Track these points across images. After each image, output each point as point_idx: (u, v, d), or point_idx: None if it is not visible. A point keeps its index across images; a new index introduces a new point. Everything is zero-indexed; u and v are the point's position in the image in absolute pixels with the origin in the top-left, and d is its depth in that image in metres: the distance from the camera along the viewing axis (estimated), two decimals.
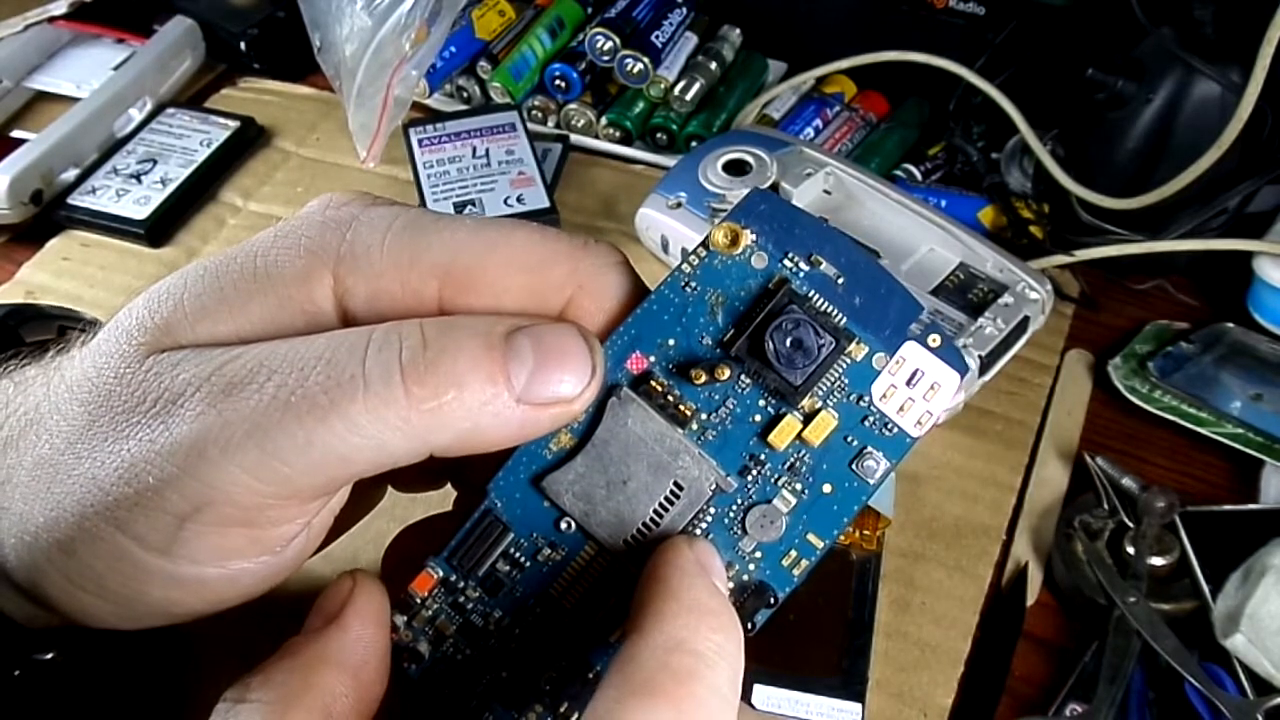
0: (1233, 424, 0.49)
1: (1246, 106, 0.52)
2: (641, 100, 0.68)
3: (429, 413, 0.21)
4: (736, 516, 0.23)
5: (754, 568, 0.23)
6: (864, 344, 0.23)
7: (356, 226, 0.23)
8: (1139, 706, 0.40)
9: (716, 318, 0.23)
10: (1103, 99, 0.57)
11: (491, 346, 0.22)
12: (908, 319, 0.23)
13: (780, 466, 0.23)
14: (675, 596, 0.21)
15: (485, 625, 0.24)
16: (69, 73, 0.70)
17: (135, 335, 0.23)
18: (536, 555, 0.24)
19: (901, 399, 0.23)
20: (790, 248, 0.23)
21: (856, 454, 0.23)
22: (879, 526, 0.45)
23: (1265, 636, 0.40)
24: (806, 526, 0.23)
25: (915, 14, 0.68)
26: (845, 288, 0.23)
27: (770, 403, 0.23)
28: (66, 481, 0.22)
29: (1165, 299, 0.58)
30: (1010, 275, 0.53)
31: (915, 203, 0.56)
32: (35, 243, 0.61)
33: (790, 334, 0.23)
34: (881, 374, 0.23)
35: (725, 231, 0.23)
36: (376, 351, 0.21)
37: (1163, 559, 0.44)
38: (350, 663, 0.22)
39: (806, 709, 0.39)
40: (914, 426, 0.23)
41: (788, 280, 0.23)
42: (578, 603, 0.24)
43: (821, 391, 0.23)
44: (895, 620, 0.43)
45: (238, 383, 0.21)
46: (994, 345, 0.50)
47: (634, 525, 0.23)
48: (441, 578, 0.24)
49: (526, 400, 0.22)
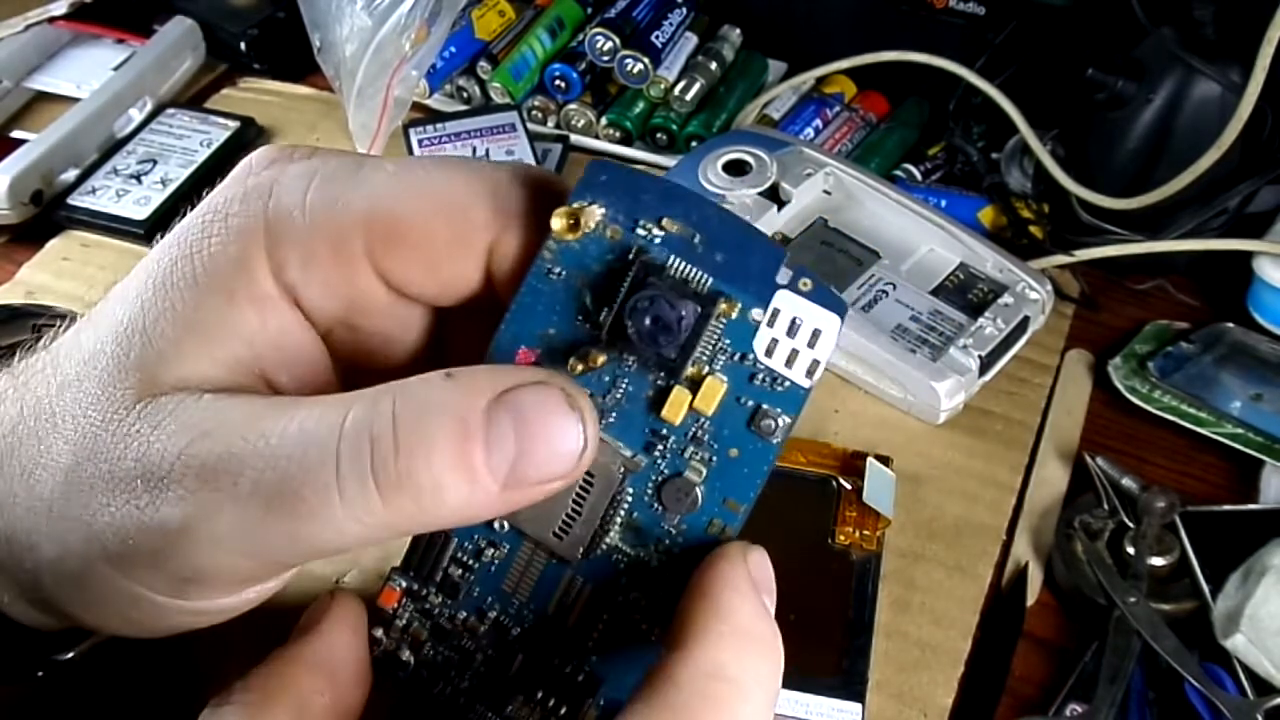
0: (1233, 424, 0.49)
1: (1246, 106, 0.52)
2: (641, 100, 0.68)
3: (411, 516, 0.20)
4: (654, 494, 0.23)
5: (682, 541, 0.23)
6: (735, 301, 0.22)
7: (277, 191, 0.23)
8: (1139, 706, 0.40)
9: (586, 300, 0.23)
10: (1103, 99, 0.57)
11: (469, 437, 0.20)
12: (773, 266, 0.22)
13: (684, 438, 0.23)
14: (723, 617, 0.21)
15: (453, 626, 0.24)
16: (69, 73, 0.70)
17: (118, 378, 0.22)
18: (480, 556, 0.24)
19: (786, 351, 0.22)
20: (640, 214, 0.22)
21: (753, 414, 0.22)
22: (879, 526, 0.45)
23: (1265, 636, 0.40)
24: (722, 493, 0.23)
25: (915, 14, 0.68)
26: (704, 245, 0.22)
27: (659, 376, 0.23)
28: (64, 521, 0.22)
29: (1165, 299, 0.58)
30: (1010, 275, 0.53)
31: (915, 203, 0.56)
32: (35, 243, 0.61)
33: (647, 313, 0.22)
34: (760, 328, 0.22)
35: (563, 217, 0.22)
36: (349, 456, 0.20)
37: (1163, 559, 0.44)
38: (325, 664, 0.23)
39: (806, 709, 0.39)
40: (804, 377, 0.22)
41: (645, 250, 0.22)
42: (531, 594, 0.24)
43: (705, 357, 0.22)
44: (895, 620, 0.43)
45: (211, 469, 0.21)
46: (994, 345, 0.50)
47: (558, 518, 0.23)
48: (405, 588, 0.25)
49: (511, 488, 0.20)
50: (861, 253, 0.55)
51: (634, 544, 0.23)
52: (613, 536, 0.23)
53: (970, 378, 0.50)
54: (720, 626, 0.21)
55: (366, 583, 0.43)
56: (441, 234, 0.23)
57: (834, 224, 0.57)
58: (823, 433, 0.50)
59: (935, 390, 0.49)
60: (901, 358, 0.50)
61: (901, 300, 0.53)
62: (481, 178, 0.23)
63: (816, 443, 0.49)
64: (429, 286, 0.23)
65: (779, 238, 0.56)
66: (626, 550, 0.23)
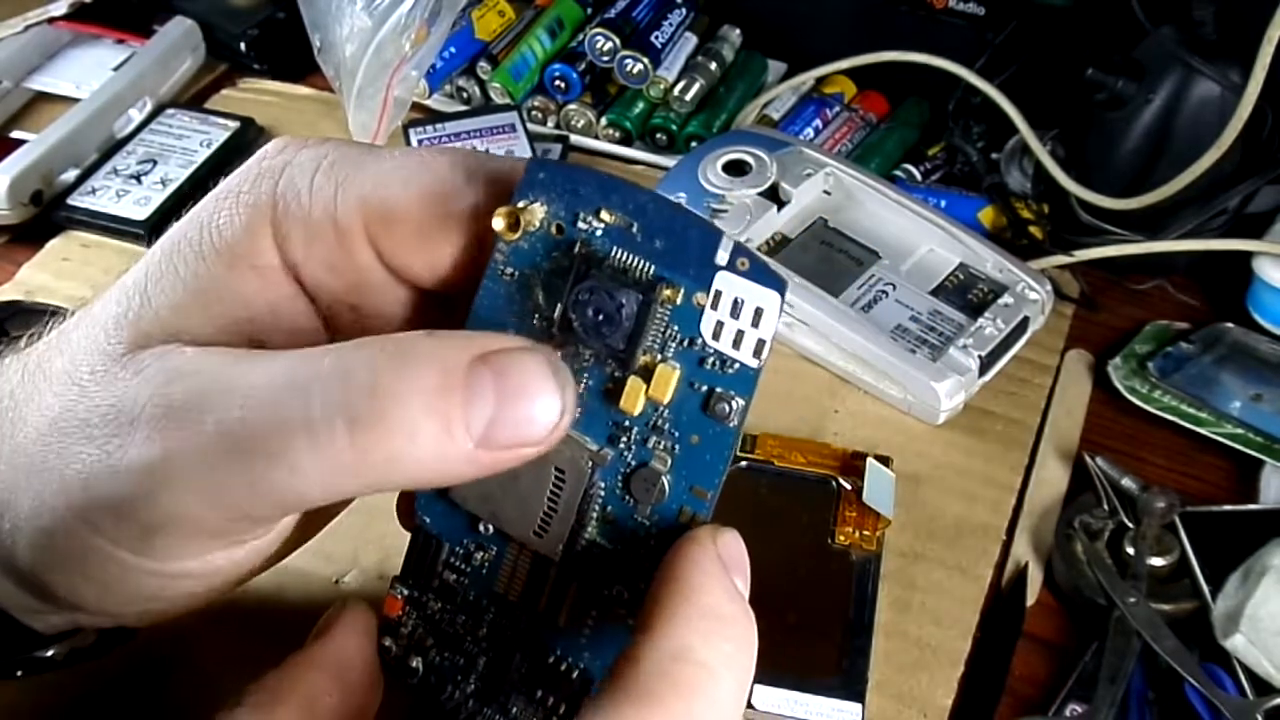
0: (1233, 424, 0.49)
1: (1246, 106, 0.52)
2: (641, 100, 0.68)
3: (378, 464, 0.20)
4: (623, 486, 0.23)
5: (656, 532, 0.23)
6: (678, 286, 0.22)
7: (288, 173, 0.24)
8: (1139, 706, 0.40)
9: (539, 297, 0.23)
10: (1103, 99, 0.57)
11: (448, 387, 0.20)
12: (711, 248, 0.22)
13: (646, 428, 0.23)
14: (689, 598, 0.20)
15: (454, 631, 0.25)
16: (69, 73, 0.70)
17: (112, 331, 0.23)
18: (471, 560, 0.24)
19: (733, 332, 0.22)
20: (579, 207, 0.22)
21: (707, 398, 0.22)
22: (879, 526, 0.45)
23: (1265, 636, 0.40)
24: (688, 481, 0.23)
25: (915, 14, 0.68)
26: (642, 233, 0.22)
27: (613, 368, 0.23)
28: (41, 474, 0.22)
29: (1165, 299, 0.58)
30: (1010, 275, 0.54)
31: (915, 203, 0.56)
32: (35, 243, 0.61)
33: (589, 305, 0.22)
34: (705, 311, 0.22)
35: (504, 217, 0.22)
36: (322, 395, 0.20)
37: (1163, 559, 0.44)
38: (333, 666, 0.23)
39: (806, 709, 0.39)
40: (752, 358, 0.22)
41: (587, 243, 0.22)
42: (522, 594, 0.24)
43: (656, 345, 0.22)
44: (895, 620, 0.43)
45: (179, 409, 0.21)
46: (994, 345, 0.50)
47: (536, 517, 0.23)
48: (407, 596, 0.25)
49: (485, 446, 0.20)
50: (861, 253, 0.55)
51: (611, 538, 0.23)
52: (590, 531, 0.23)
53: (970, 378, 0.50)
54: (686, 609, 0.20)
55: (366, 582, 0.43)
56: (424, 215, 0.23)
57: (834, 224, 0.57)
58: (823, 433, 0.50)
59: (935, 390, 0.49)
60: (901, 358, 0.50)
61: (901, 300, 0.53)
62: (480, 167, 0.23)
63: (816, 443, 0.49)
64: (419, 267, 0.24)
65: (778, 238, 0.56)
66: (605, 544, 0.23)
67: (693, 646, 0.20)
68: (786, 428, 0.50)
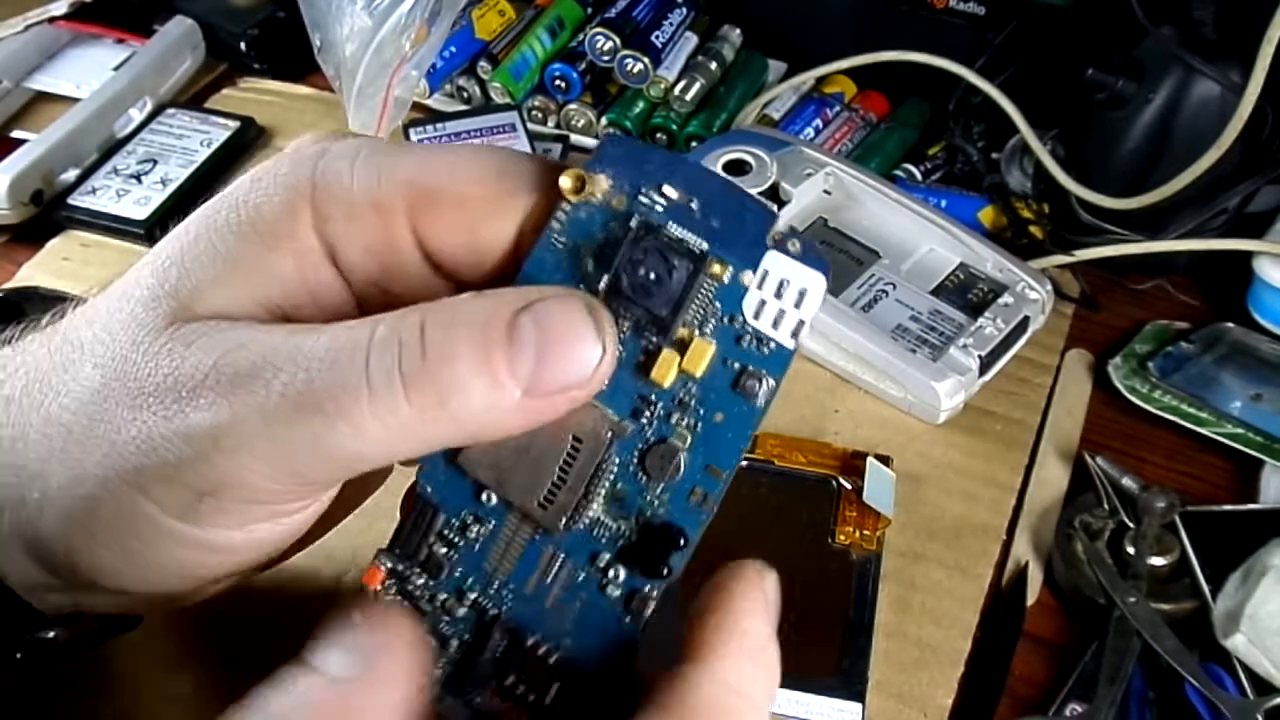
0: (1233, 424, 0.49)
1: (1246, 106, 0.52)
2: (641, 100, 0.68)
3: (433, 420, 0.21)
4: (638, 462, 0.23)
5: (664, 510, 0.23)
6: (726, 263, 0.22)
7: (327, 156, 0.24)
8: (1139, 706, 0.40)
9: (589, 267, 0.23)
10: (1103, 99, 0.57)
11: (492, 343, 0.21)
12: (763, 228, 0.22)
13: (671, 403, 0.23)
14: (741, 634, 0.22)
15: (432, 609, 0.24)
16: (69, 73, 0.70)
17: (150, 305, 0.23)
18: (466, 532, 0.24)
19: (774, 312, 0.22)
20: (643, 182, 0.23)
21: (738, 376, 0.22)
22: (879, 526, 0.45)
23: (1265, 636, 0.40)
24: (705, 459, 0.23)
25: (915, 14, 0.68)
26: (701, 211, 0.23)
27: (649, 340, 0.23)
28: (86, 442, 0.22)
29: (1165, 299, 0.58)
30: (1010, 275, 0.54)
31: (915, 203, 0.56)
32: (35, 243, 0.61)
33: (642, 264, 0.22)
34: (749, 290, 0.22)
35: (571, 177, 0.23)
36: (378, 358, 0.21)
37: (1163, 559, 0.44)
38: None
39: (806, 709, 0.39)
40: (789, 338, 0.22)
41: (646, 216, 0.23)
42: (511, 573, 0.24)
43: (695, 320, 0.23)
44: (895, 620, 0.43)
45: (244, 375, 0.21)
46: (994, 345, 0.50)
47: (545, 485, 0.23)
48: (389, 568, 0.24)
49: (533, 394, 0.21)
50: (861, 253, 0.55)
51: (616, 515, 0.23)
52: (596, 508, 0.23)
53: (970, 378, 0.50)
54: (738, 643, 0.21)
55: None
56: (478, 196, 0.23)
57: (834, 224, 0.57)
58: (823, 433, 0.50)
59: (935, 390, 0.49)
60: (901, 358, 0.50)
61: (901, 300, 0.53)
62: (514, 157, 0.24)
63: (816, 443, 0.49)
64: (463, 252, 0.24)
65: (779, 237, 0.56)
66: (608, 523, 0.23)
67: (742, 680, 0.21)
68: (786, 427, 0.50)
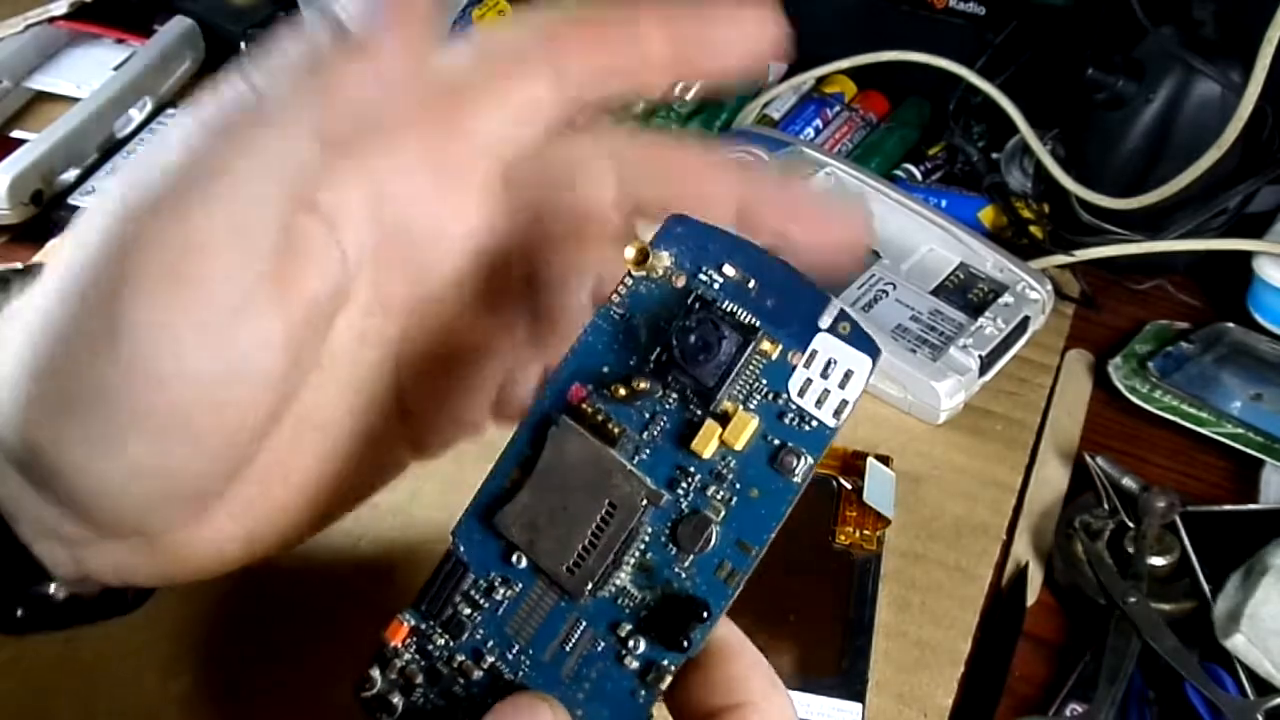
0: (1233, 424, 0.49)
1: (1246, 106, 0.52)
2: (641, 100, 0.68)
3: None
4: (670, 533, 0.23)
5: (690, 583, 0.23)
6: (777, 341, 0.23)
7: None
8: (1139, 706, 0.40)
9: (642, 338, 0.24)
10: (1103, 99, 0.57)
11: None
12: (817, 311, 0.23)
13: (709, 475, 0.23)
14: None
15: (448, 670, 0.24)
16: (69, 73, 0.70)
17: None
18: (492, 594, 0.24)
19: (818, 391, 0.23)
20: (704, 262, 0.23)
21: (776, 451, 0.23)
22: (879, 526, 0.45)
23: (1265, 636, 0.40)
24: (737, 534, 0.23)
25: (915, 14, 0.68)
26: (757, 291, 0.23)
27: (693, 412, 0.23)
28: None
29: (1165, 299, 0.58)
30: (1010, 275, 0.54)
31: (915, 203, 0.56)
32: (35, 243, 0.61)
33: (693, 333, 0.23)
34: (796, 369, 0.23)
35: (635, 249, 0.23)
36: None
37: (1163, 559, 0.44)
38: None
39: (806, 709, 0.39)
40: (831, 417, 0.22)
41: (701, 291, 0.23)
42: (532, 638, 0.24)
43: (741, 394, 0.23)
44: (895, 620, 0.43)
45: None
46: (994, 345, 0.50)
47: (575, 550, 0.23)
48: (413, 625, 0.24)
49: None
50: None
51: (642, 586, 0.23)
52: (623, 577, 0.23)
53: (970, 378, 0.50)
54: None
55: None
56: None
57: None
58: None
59: (935, 390, 0.49)
60: (901, 358, 0.50)
61: (901, 300, 0.53)
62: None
63: None
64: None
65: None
66: (634, 593, 0.23)
67: None
68: None
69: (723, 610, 0.23)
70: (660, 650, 0.23)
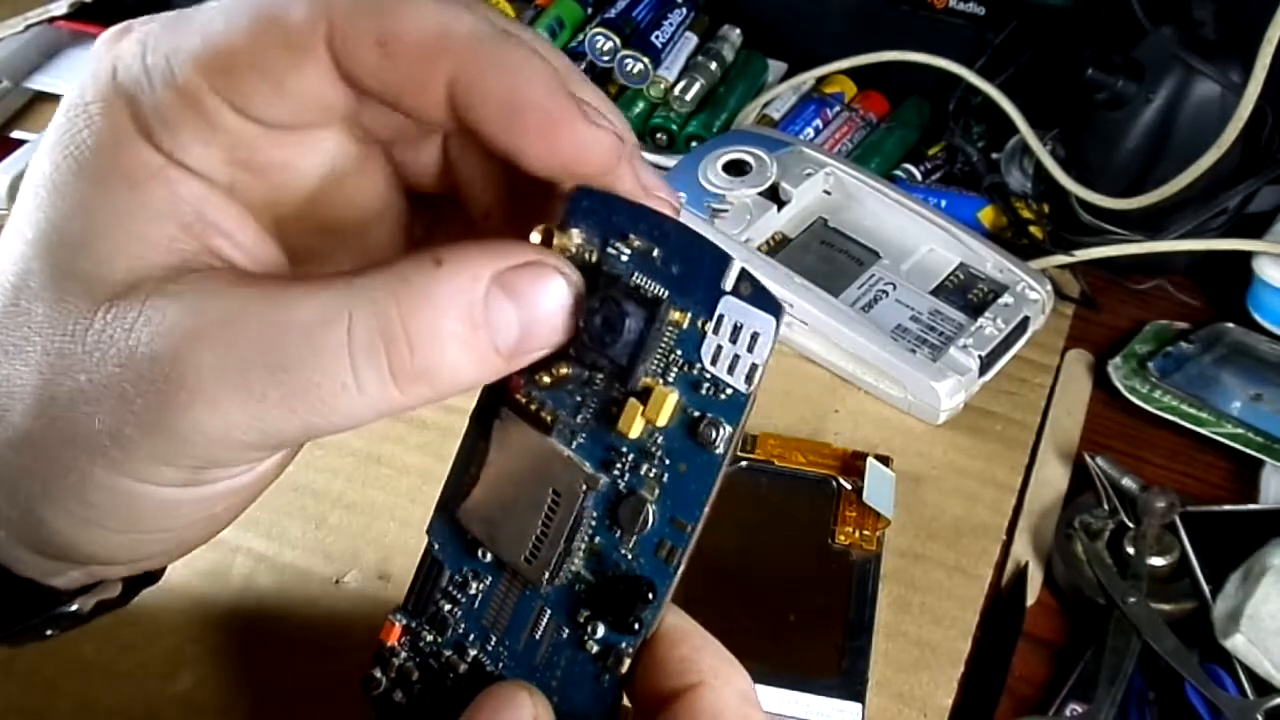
0: (1233, 424, 0.49)
1: (1246, 106, 0.52)
2: (641, 100, 0.68)
3: (423, 398, 0.21)
4: (610, 515, 0.23)
5: (635, 564, 0.23)
6: (685, 310, 0.22)
7: (118, 67, 0.22)
8: (1139, 706, 0.40)
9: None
10: (1103, 99, 0.57)
11: (475, 325, 0.21)
12: (719, 273, 0.22)
13: (639, 454, 0.23)
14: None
15: (438, 665, 0.25)
16: (69, 73, 0.70)
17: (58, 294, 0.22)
18: (466, 589, 0.24)
19: (729, 357, 0.22)
20: (610, 235, 0.23)
21: (696, 423, 0.22)
22: (879, 526, 0.45)
23: (1265, 636, 0.40)
24: (671, 511, 0.22)
25: (915, 14, 0.68)
26: (662, 259, 0.22)
27: (618, 391, 0.23)
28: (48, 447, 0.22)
29: (1165, 299, 0.58)
30: (1010, 275, 0.54)
31: (915, 203, 0.56)
32: None
33: (598, 313, 0.22)
34: (707, 336, 0.22)
35: (539, 233, 0.23)
36: (364, 360, 0.20)
37: (1163, 559, 0.44)
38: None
39: (806, 709, 0.39)
40: (744, 383, 0.22)
41: (612, 267, 0.23)
42: (506, 629, 0.24)
43: (659, 368, 0.23)
44: (895, 620, 0.43)
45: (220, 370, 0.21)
46: (994, 345, 0.50)
47: (529, 540, 0.23)
48: (404, 625, 0.25)
49: (516, 356, 0.22)
50: (861, 253, 0.55)
51: (594, 569, 0.23)
52: (576, 562, 0.23)
53: (970, 378, 0.50)
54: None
55: (366, 582, 0.43)
56: (257, 49, 0.22)
57: (834, 224, 0.57)
58: (823, 433, 0.50)
59: (935, 390, 0.49)
60: (901, 358, 0.50)
61: (901, 300, 0.53)
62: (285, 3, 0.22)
63: (816, 443, 0.49)
64: (283, 108, 0.22)
65: (778, 238, 0.56)
66: (588, 577, 0.23)
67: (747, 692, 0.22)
68: (786, 428, 0.50)
69: (669, 589, 0.23)
70: (615, 634, 0.23)
